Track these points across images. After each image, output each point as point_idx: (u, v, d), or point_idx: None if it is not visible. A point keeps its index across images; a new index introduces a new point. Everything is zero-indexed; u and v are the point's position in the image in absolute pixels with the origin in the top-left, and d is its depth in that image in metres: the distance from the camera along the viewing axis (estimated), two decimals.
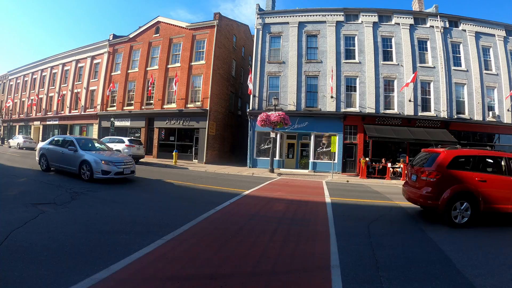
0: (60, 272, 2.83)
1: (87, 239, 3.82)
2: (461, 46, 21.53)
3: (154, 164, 17.77)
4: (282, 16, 21.19)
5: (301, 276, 3.07)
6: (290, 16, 21.04)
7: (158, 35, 24.38)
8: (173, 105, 22.36)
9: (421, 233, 5.17)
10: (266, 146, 19.90)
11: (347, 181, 15.08)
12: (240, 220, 5.32)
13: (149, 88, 23.35)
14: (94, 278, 2.73)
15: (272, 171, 16.61)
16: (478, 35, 21.97)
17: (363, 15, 20.77)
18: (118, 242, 3.77)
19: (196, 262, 3.30)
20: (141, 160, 18.30)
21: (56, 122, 31.28)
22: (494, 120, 20.96)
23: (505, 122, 21.24)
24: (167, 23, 24.13)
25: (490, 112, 21.16)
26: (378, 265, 3.43)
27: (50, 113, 32.68)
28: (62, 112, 31.06)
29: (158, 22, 24.68)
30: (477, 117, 20.65)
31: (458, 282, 3.15)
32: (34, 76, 36.54)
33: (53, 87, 32.93)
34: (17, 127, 38.14)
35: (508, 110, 21.40)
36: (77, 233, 4.07)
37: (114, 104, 26.02)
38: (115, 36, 27.51)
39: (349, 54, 20.21)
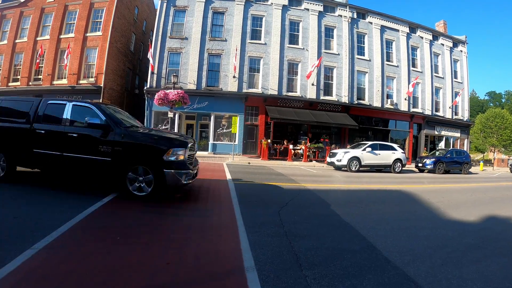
0: None
1: None
2: (366, 37, 22.54)
3: None
4: None
5: (210, 286, 2.37)
6: None
7: (52, 0, 21.32)
8: (64, 81, 19.73)
9: (337, 217, 4.79)
10: (163, 127, 18.58)
11: (249, 163, 14.72)
12: (129, 214, 4.20)
13: (37, 61, 20.33)
14: None
15: None
16: (383, 29, 23.24)
17: None
18: None
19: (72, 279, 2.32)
20: None
21: None
22: (391, 107, 22.45)
23: (401, 109, 22.91)
24: None
25: (389, 100, 22.59)
26: (300, 262, 2.92)
27: None
28: None
29: None
30: (376, 103, 21.88)
31: (391, 273, 2.79)
32: None
33: None
34: None
35: (405, 99, 23.10)
36: None
37: None
38: (4, 0, 23.51)
39: (255, 35, 19.73)
